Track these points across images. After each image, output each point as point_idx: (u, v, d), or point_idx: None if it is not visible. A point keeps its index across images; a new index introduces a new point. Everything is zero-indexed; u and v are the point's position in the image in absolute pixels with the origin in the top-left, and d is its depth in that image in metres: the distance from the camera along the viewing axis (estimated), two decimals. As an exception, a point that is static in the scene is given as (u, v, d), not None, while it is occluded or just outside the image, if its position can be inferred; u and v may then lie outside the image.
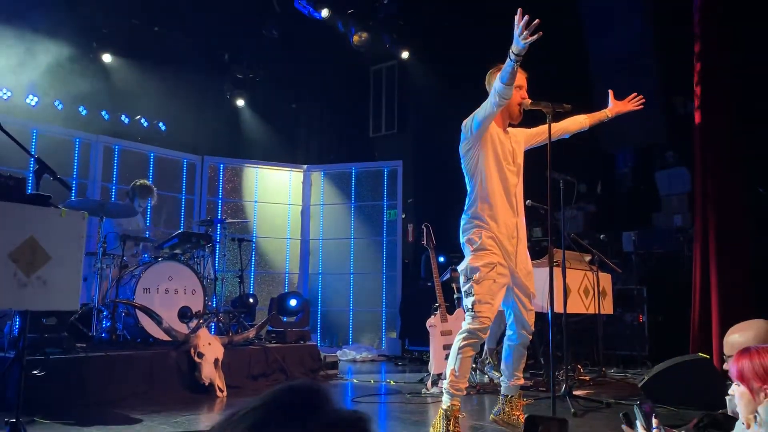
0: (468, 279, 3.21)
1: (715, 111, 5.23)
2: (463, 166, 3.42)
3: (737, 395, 1.94)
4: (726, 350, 2.63)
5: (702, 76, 5.30)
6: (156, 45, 7.05)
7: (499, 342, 5.68)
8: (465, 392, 3.27)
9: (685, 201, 7.54)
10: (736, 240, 5.05)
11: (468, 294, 3.21)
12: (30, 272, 2.89)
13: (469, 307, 3.19)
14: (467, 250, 3.28)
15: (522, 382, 3.49)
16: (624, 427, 2.08)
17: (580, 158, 6.68)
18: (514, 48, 2.91)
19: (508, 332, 3.41)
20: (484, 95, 3.41)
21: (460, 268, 3.30)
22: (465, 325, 3.21)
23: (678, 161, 7.78)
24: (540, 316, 5.30)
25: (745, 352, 1.95)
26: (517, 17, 2.86)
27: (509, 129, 3.48)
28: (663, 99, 7.33)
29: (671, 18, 6.61)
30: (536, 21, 2.83)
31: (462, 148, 3.40)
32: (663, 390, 4.17)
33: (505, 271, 3.24)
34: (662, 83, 7.29)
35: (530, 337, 3.40)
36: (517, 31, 2.87)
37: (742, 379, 1.91)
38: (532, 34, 2.83)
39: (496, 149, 3.33)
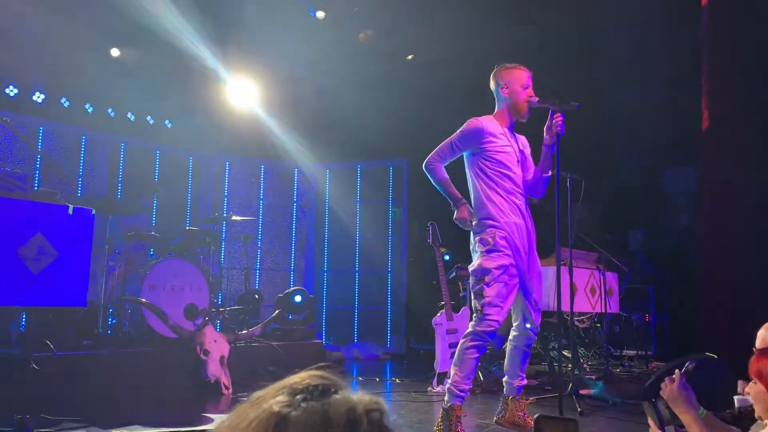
0: (478, 280, 3.14)
1: (722, 110, 5.20)
2: (467, 168, 3.40)
3: (754, 393, 1.92)
4: (758, 344, 2.60)
5: (710, 75, 5.28)
6: (163, 42, 7.04)
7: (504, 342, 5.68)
8: (469, 393, 3.23)
9: (691, 200, 7.51)
10: (743, 239, 5.02)
11: (478, 295, 3.15)
12: (37, 269, 2.90)
13: (478, 308, 3.12)
14: (478, 250, 3.22)
15: (525, 382, 3.46)
16: (650, 421, 2.09)
17: (587, 156, 6.65)
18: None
19: (513, 332, 3.39)
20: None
21: (471, 268, 3.23)
22: (471, 326, 3.16)
23: (685, 160, 7.74)
24: (547, 315, 5.28)
25: (765, 351, 1.93)
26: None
27: (519, 135, 3.46)
28: (671, 97, 7.29)
29: (679, 17, 6.57)
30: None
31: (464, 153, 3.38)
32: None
33: (515, 272, 3.20)
34: (670, 81, 7.25)
35: (535, 337, 3.37)
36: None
37: (761, 377, 1.89)
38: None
39: (502, 150, 3.30)
